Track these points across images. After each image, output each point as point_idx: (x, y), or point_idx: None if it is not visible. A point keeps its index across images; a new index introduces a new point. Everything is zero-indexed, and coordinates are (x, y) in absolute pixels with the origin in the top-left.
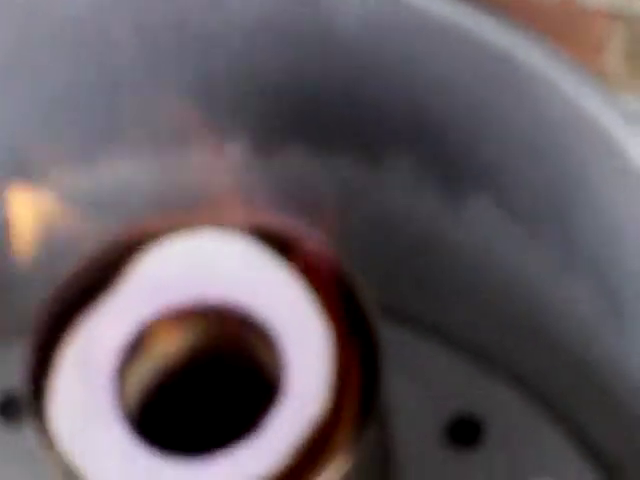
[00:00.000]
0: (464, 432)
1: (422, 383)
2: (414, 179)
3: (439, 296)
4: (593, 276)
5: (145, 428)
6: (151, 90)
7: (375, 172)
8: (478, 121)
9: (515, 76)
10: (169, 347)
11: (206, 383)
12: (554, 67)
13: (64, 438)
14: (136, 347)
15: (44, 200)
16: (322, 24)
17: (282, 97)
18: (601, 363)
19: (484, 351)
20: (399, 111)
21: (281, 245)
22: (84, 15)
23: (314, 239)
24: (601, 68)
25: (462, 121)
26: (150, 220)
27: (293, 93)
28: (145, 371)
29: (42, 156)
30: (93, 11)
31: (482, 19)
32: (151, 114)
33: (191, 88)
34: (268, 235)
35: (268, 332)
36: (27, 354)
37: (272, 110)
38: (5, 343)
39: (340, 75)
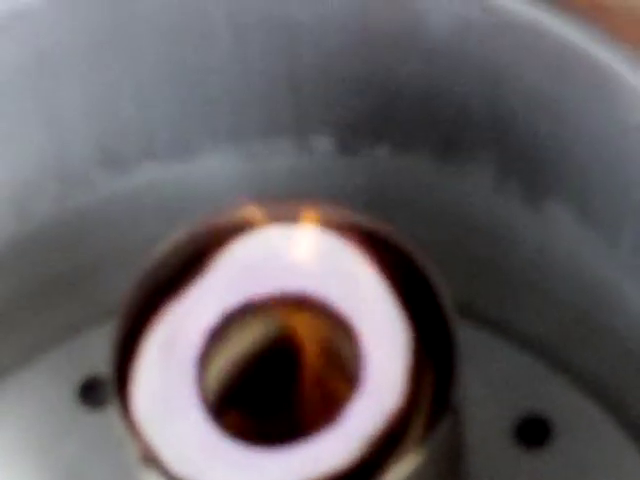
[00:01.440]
0: (533, 432)
1: (492, 381)
2: (495, 181)
3: (514, 296)
4: None
5: (226, 416)
6: (241, 83)
7: (456, 173)
8: (561, 125)
9: (596, 78)
10: (251, 335)
11: (286, 373)
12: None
13: (145, 424)
14: (219, 335)
15: None
16: (411, 25)
17: (370, 96)
18: None
19: (555, 352)
20: (483, 114)
21: (361, 239)
22: (177, 8)
23: (394, 235)
24: None
25: (544, 125)
26: (235, 211)
27: (381, 92)
28: (227, 359)
29: (134, 147)
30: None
31: (567, 21)
32: (240, 107)
33: (281, 83)
34: (349, 229)
35: (347, 324)
36: (112, 338)
37: (360, 108)
38: (87, 329)
39: (427, 75)
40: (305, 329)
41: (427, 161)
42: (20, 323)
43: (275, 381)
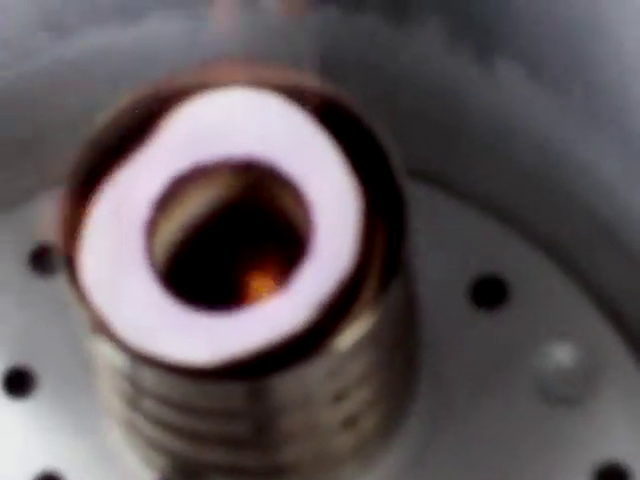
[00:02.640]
0: (488, 292)
1: (447, 243)
2: (445, 40)
3: (466, 156)
4: (617, 138)
5: (174, 281)
6: None
7: (407, 33)
8: None
9: None
10: (201, 201)
11: (236, 238)
12: None
13: (95, 291)
14: (168, 200)
15: None
16: None
17: None
18: (624, 223)
19: (510, 213)
20: None
21: (312, 103)
22: None
23: (344, 98)
24: None
25: None
26: (183, 75)
27: None
28: (176, 224)
29: (78, 12)
30: None
31: None
32: None
33: None
34: (300, 93)
35: (298, 189)
36: (60, 205)
37: None
38: (35, 197)
39: None
40: (255, 194)
41: (378, 23)
42: None
43: (224, 246)
